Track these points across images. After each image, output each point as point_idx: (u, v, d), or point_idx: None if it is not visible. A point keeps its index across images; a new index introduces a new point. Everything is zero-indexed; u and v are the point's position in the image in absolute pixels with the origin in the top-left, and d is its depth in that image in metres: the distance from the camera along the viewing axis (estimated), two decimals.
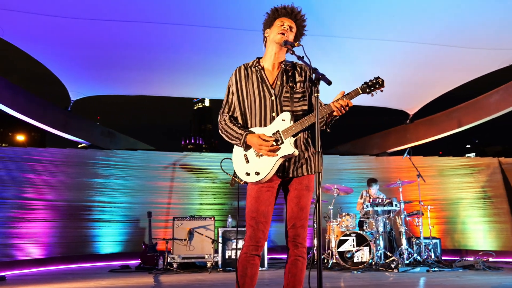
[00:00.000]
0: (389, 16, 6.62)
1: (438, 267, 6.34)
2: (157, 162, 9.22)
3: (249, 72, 2.70)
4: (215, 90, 9.90)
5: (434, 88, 9.49)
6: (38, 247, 7.60)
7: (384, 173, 9.65)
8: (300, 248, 2.56)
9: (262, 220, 2.54)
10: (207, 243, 6.60)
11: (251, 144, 2.54)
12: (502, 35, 7.10)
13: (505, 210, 9.32)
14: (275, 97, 2.60)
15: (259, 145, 2.48)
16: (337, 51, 7.51)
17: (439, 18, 6.64)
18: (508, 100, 8.65)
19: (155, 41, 7.50)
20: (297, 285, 2.54)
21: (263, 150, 2.48)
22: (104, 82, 9.35)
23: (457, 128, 9.86)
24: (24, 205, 7.69)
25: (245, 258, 2.54)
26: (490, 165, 9.83)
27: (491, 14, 6.52)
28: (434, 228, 8.36)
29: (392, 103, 10.41)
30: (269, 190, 2.57)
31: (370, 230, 6.87)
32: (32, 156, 8.10)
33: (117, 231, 8.46)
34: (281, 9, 2.67)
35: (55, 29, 6.97)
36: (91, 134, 10.19)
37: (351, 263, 6.45)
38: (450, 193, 9.65)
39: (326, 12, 6.46)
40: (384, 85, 2.46)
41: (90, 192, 8.44)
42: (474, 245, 8.99)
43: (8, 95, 7.83)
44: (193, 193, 9.21)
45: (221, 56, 7.89)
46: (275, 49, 2.66)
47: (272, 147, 2.47)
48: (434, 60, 7.98)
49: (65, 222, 8.00)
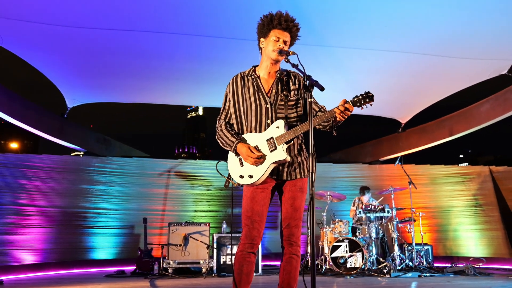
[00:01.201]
0: (381, 26, 6.78)
1: (429, 273, 6.45)
2: (152, 169, 9.29)
3: (245, 80, 2.82)
4: (208, 98, 10.03)
5: (426, 97, 9.66)
6: (34, 252, 7.64)
7: (376, 181, 9.76)
8: (294, 247, 2.67)
9: (257, 219, 2.65)
10: (202, 249, 6.67)
11: (240, 153, 2.68)
12: (493, 45, 7.28)
13: (496, 217, 9.46)
14: (270, 105, 2.72)
15: (247, 155, 2.63)
16: (330, 60, 7.66)
17: (431, 28, 6.81)
18: (498, 109, 8.81)
19: (149, 50, 7.62)
20: (292, 282, 2.65)
21: (248, 161, 2.63)
22: (100, 89, 9.45)
23: (448, 136, 10.01)
24: (20, 211, 7.73)
25: (241, 256, 2.65)
26: (481, 174, 9.98)
27: (482, 25, 6.69)
28: (426, 235, 8.48)
29: (384, 112, 10.57)
30: (264, 191, 2.69)
31: (363, 236, 6.97)
32: (28, 163, 8.16)
33: (112, 237, 8.50)
34: (276, 21, 2.70)
35: (53, 37, 7.08)
36: (86, 141, 10.26)
37: (344, 268, 6.54)
38: (442, 201, 9.78)
39: (319, 21, 6.61)
40: (373, 99, 2.58)
41: (86, 198, 8.48)
42: (465, 252, 9.10)
43: (4, 100, 7.89)
44: (188, 200, 9.27)
45: (214, 65, 8.02)
46: (270, 62, 2.77)
47: (257, 159, 2.61)
48: (426, 69, 8.14)
49: (60, 228, 8.04)
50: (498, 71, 8.15)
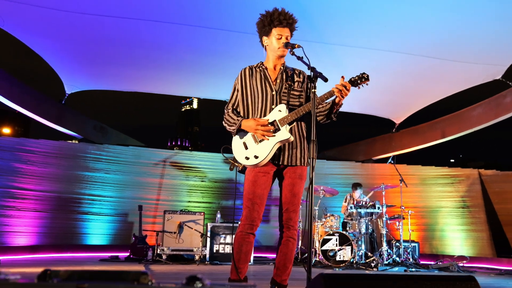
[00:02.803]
0: (381, 26, 6.92)
1: (415, 268, 6.63)
2: (147, 159, 9.38)
3: (253, 71, 3.02)
4: (205, 89, 10.12)
5: (421, 99, 9.81)
6: (29, 235, 7.74)
7: (369, 179, 9.91)
8: (291, 230, 2.85)
9: (257, 201, 2.80)
10: (196, 237, 6.81)
11: (247, 127, 2.84)
12: (488, 50, 7.43)
13: (482, 219, 9.70)
14: (275, 92, 2.92)
15: (256, 126, 2.78)
16: (328, 57, 7.78)
17: (429, 30, 6.95)
18: (490, 113, 8.99)
19: (149, 39, 7.67)
20: (287, 263, 2.82)
21: (259, 131, 2.78)
22: (98, 77, 9.51)
23: (440, 138, 10.18)
24: (15, 194, 7.81)
25: (241, 236, 2.81)
26: (470, 176, 10.19)
27: (479, 29, 6.84)
28: (414, 233, 8.66)
29: (379, 111, 10.72)
30: (265, 175, 2.84)
31: (353, 231, 7.14)
32: (25, 147, 8.22)
33: (106, 224, 8.61)
34: (276, 19, 2.91)
35: (54, 22, 7.12)
36: (83, 128, 10.33)
37: (333, 261, 6.71)
38: (431, 201, 9.98)
39: (320, 19, 6.73)
40: (369, 79, 2.77)
41: (81, 184, 8.57)
42: (451, 251, 9.30)
43: (4, 85, 7.95)
44: (182, 190, 9.39)
45: (214, 57, 8.10)
46: (275, 57, 2.99)
47: (267, 127, 2.76)
48: (422, 71, 8.28)
49: (55, 213, 8.14)
50: (492, 76, 8.30)
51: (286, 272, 2.84)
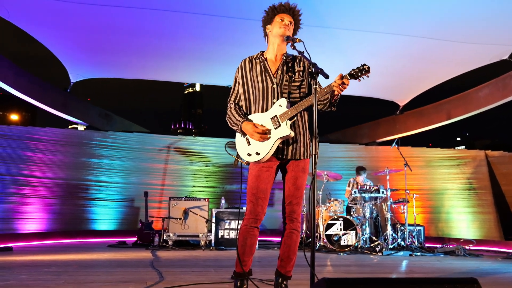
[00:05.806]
0: (383, 9, 6.85)
1: (420, 252, 6.66)
2: (152, 145, 9.46)
3: (253, 63, 2.98)
4: (207, 76, 10.17)
5: (425, 81, 9.75)
6: (39, 222, 7.92)
7: (372, 162, 9.92)
8: (295, 223, 2.87)
9: (261, 196, 2.83)
10: (201, 223, 6.89)
11: (245, 130, 2.84)
12: (493, 30, 7.32)
13: (489, 201, 9.66)
14: (276, 85, 2.89)
15: (252, 131, 2.79)
16: (330, 41, 7.73)
17: (432, 12, 6.86)
18: (497, 94, 8.91)
19: (152, 27, 7.69)
20: (291, 255, 2.87)
21: (255, 136, 2.79)
22: (102, 65, 9.54)
23: (446, 120, 10.14)
24: (24, 181, 7.95)
25: (246, 230, 2.85)
26: (476, 158, 10.13)
27: (483, 9, 6.74)
28: (419, 216, 8.69)
29: (383, 94, 10.68)
30: (268, 170, 2.86)
31: (357, 216, 7.17)
32: (33, 135, 8.33)
33: (113, 209, 8.74)
34: (279, 7, 2.94)
35: (59, 12, 7.14)
36: (89, 115, 10.41)
37: (338, 245, 6.77)
38: (436, 183, 9.97)
39: (321, 3, 6.67)
40: (370, 71, 2.74)
41: (88, 171, 8.69)
42: (457, 234, 9.32)
43: (10, 75, 8.03)
44: (187, 175, 9.48)
45: (215, 44, 8.09)
46: (277, 42, 2.94)
47: (262, 134, 2.77)
48: (426, 53, 8.21)
49: (63, 200, 8.29)
50: (499, 56, 8.20)
51: (290, 264, 2.88)
